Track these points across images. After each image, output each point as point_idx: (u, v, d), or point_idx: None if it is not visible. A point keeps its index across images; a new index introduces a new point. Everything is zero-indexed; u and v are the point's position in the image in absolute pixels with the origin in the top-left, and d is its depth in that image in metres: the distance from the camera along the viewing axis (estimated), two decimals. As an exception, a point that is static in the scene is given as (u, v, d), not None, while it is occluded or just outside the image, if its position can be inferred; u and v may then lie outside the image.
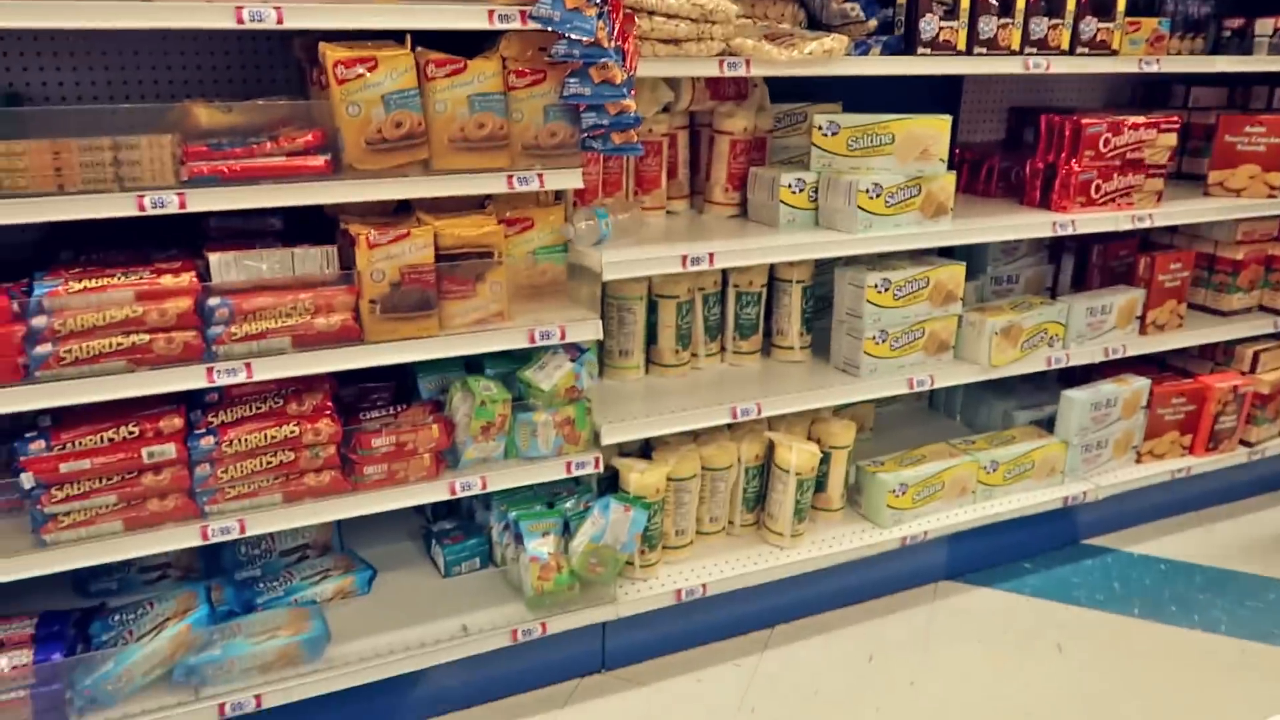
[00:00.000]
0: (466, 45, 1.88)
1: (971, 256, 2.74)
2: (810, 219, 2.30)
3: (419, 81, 1.80)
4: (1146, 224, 2.56)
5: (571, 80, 1.86)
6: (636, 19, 1.94)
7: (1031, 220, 2.46)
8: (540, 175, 1.92)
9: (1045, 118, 2.58)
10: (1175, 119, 2.63)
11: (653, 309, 2.33)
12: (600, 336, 2.04)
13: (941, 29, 2.29)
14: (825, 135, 2.29)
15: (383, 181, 1.80)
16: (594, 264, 2.01)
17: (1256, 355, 2.98)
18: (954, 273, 2.43)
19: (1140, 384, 2.77)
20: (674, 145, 2.42)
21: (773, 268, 2.44)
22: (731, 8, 2.03)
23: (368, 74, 1.75)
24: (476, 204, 2.04)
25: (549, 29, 1.79)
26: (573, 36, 1.79)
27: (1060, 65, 2.41)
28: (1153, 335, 2.80)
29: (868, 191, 2.19)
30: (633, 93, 1.91)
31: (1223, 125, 2.83)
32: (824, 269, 2.53)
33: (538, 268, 2.10)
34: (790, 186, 2.27)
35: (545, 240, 2.09)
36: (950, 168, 2.38)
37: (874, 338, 2.35)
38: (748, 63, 2.07)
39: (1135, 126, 2.53)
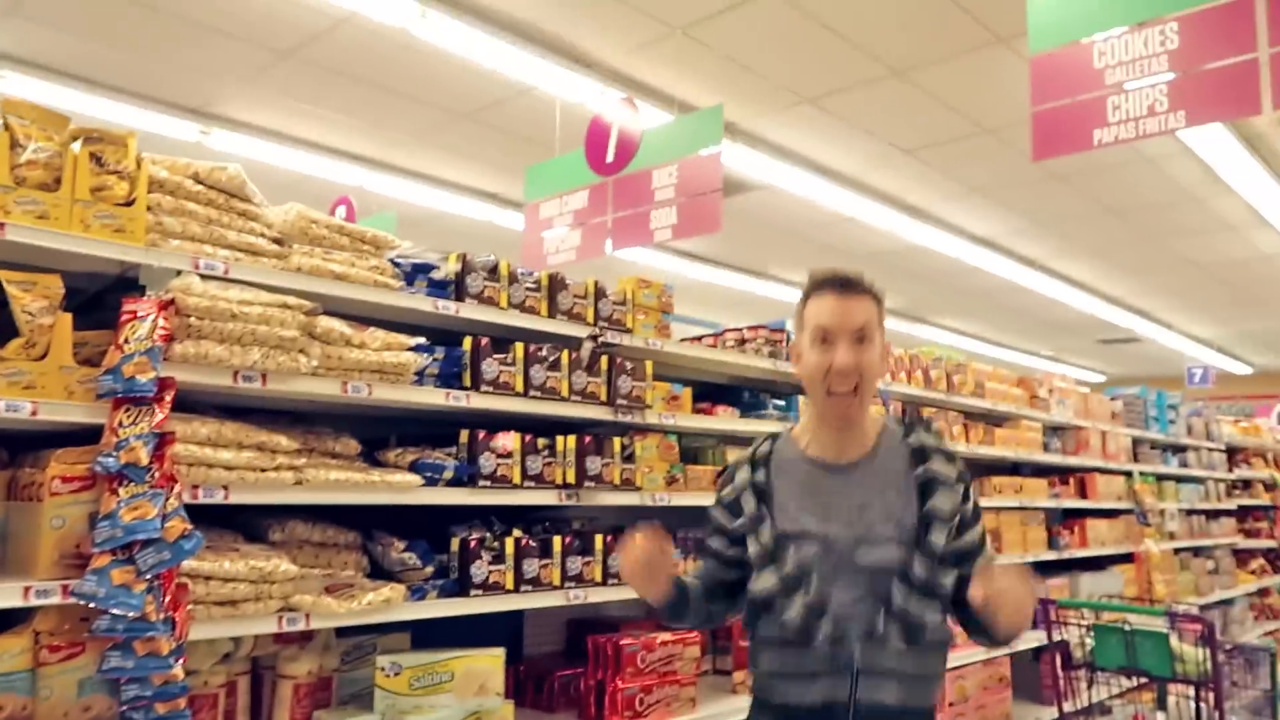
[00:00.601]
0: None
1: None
2: (374, 763, 2.32)
3: (-73, 666, 1.68)
4: (686, 731, 2.90)
5: (113, 654, 1.84)
6: (191, 585, 2.02)
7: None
8: (66, 756, 1.79)
9: (591, 639, 2.93)
10: (696, 635, 3.11)
11: None
12: None
13: (491, 571, 2.62)
14: (388, 676, 2.40)
15: None
16: None
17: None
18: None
19: None
20: (233, 694, 2.37)
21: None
22: (291, 568, 2.19)
23: None
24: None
25: (92, 605, 1.80)
26: (117, 612, 1.81)
27: (595, 595, 2.83)
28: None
29: (429, 731, 2.29)
30: (181, 660, 1.92)
31: (736, 628, 3.38)
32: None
33: None
34: (353, 731, 2.30)
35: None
36: (515, 683, 2.57)
37: None
38: (307, 617, 2.19)
39: (665, 643, 2.96)
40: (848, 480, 1.83)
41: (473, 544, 2.62)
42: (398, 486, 2.45)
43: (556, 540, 2.79)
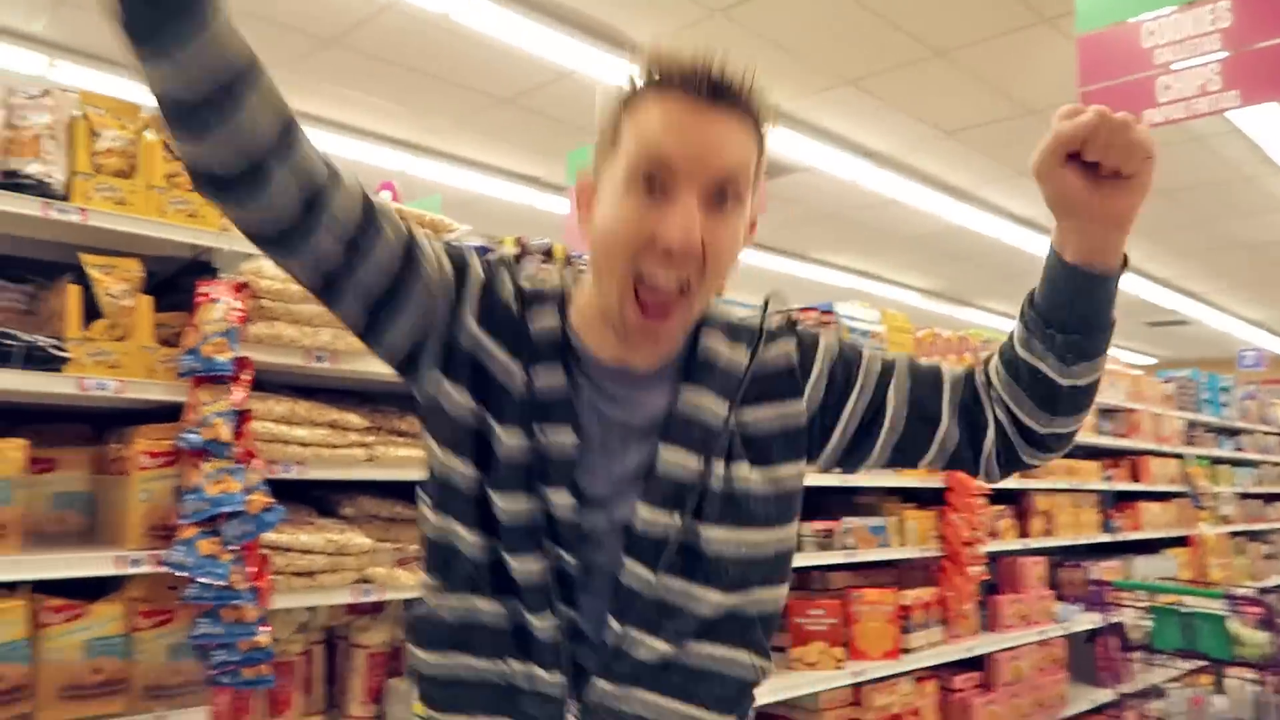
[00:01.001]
0: (90, 584, 1.89)
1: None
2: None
3: (30, 630, 1.76)
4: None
5: (202, 620, 1.91)
6: (273, 558, 2.08)
7: None
8: (161, 718, 1.86)
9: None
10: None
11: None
12: None
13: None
14: (457, 647, 2.45)
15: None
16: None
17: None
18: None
19: None
20: (310, 661, 2.44)
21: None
22: (365, 541, 2.25)
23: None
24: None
25: (182, 574, 1.87)
26: (205, 581, 1.88)
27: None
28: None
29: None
30: (267, 628, 1.98)
31: (791, 608, 3.41)
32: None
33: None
34: (425, 700, 2.36)
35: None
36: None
37: None
38: (382, 588, 2.25)
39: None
40: (638, 398, 1.11)
41: (535, 520, 2.65)
42: (463, 463, 2.50)
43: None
